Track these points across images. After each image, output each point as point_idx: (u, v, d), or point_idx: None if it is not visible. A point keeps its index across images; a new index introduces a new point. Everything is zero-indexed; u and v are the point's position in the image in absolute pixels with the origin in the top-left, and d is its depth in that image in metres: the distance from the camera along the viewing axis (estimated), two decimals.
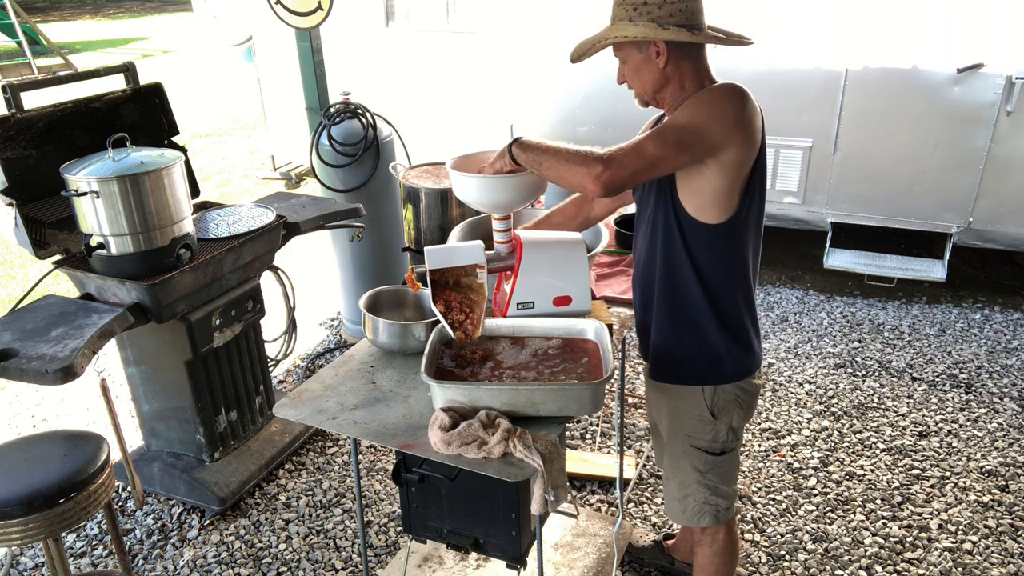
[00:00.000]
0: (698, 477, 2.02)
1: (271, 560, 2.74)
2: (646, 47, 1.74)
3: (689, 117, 1.69)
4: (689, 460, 2.01)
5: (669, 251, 1.85)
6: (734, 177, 1.73)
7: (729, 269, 1.84)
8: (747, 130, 1.70)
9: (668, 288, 1.89)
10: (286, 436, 3.24)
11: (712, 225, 1.77)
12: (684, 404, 1.97)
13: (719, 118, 1.68)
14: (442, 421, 1.66)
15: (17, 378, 2.11)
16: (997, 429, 3.35)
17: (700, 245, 1.81)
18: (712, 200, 1.75)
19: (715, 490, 2.03)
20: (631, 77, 1.82)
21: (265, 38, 6.22)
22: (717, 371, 1.92)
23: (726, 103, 1.70)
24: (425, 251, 1.86)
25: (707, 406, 1.93)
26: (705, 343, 1.90)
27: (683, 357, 1.94)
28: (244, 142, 8.56)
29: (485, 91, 5.32)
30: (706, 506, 2.04)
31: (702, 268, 1.83)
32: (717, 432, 1.96)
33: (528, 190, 1.91)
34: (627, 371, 3.84)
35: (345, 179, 3.80)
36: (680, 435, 2.01)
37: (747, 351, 1.93)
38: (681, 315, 1.90)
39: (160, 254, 2.52)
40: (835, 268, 4.59)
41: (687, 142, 1.67)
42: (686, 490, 2.05)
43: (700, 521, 2.06)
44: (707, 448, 1.98)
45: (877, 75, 4.24)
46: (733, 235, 1.80)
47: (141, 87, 3.02)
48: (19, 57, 11.50)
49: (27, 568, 2.74)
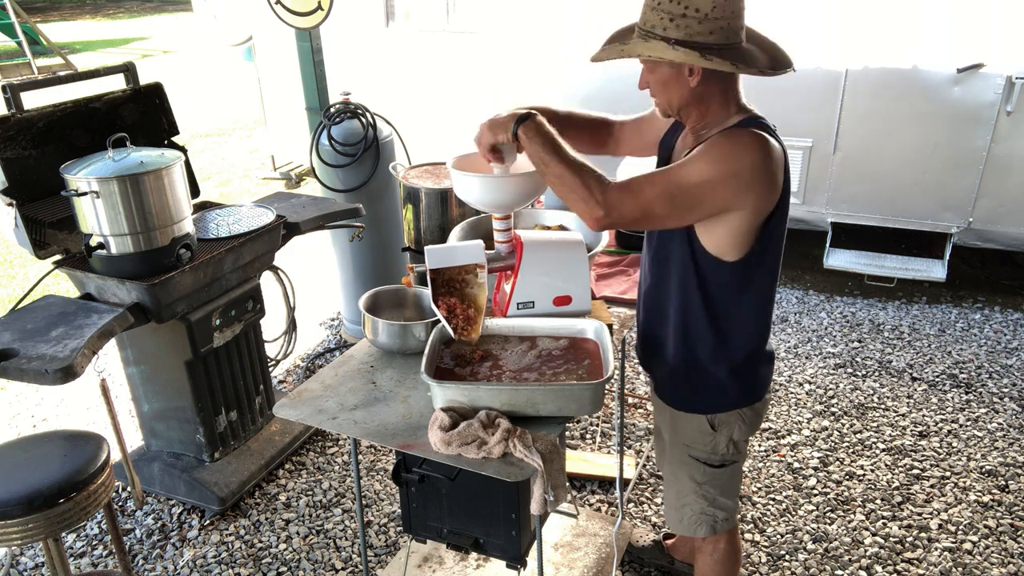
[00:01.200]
0: (695, 488, 1.99)
1: (271, 560, 2.74)
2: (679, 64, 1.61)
3: (704, 174, 1.56)
4: (687, 470, 1.98)
5: (684, 288, 1.78)
6: (754, 221, 1.65)
7: (745, 304, 1.78)
8: (768, 181, 1.60)
9: (680, 323, 1.83)
10: (286, 436, 3.24)
11: (730, 263, 1.70)
12: (685, 415, 1.94)
13: (738, 176, 1.57)
14: (442, 421, 1.66)
15: (17, 378, 2.11)
16: (997, 429, 3.35)
17: (716, 282, 1.74)
18: (732, 241, 1.67)
19: (713, 501, 1.99)
20: (657, 89, 1.69)
21: (265, 38, 6.22)
22: (722, 400, 1.88)
23: (746, 157, 1.57)
24: (425, 251, 1.85)
25: (707, 420, 1.90)
26: (713, 376, 1.85)
27: (687, 385, 1.91)
28: (244, 142, 8.56)
29: (485, 91, 5.32)
30: (703, 516, 2.01)
31: (716, 304, 1.76)
32: (716, 444, 1.92)
33: (528, 190, 1.91)
34: (627, 371, 3.84)
35: (345, 179, 3.80)
36: (679, 444, 1.98)
37: (754, 382, 1.89)
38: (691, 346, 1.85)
39: (160, 254, 2.52)
40: (835, 268, 4.59)
41: (699, 203, 1.58)
42: (683, 499, 2.03)
43: (696, 531, 2.04)
44: (706, 460, 1.95)
45: (877, 75, 4.24)
46: (751, 271, 1.73)
47: (141, 87, 3.02)
48: (19, 57, 11.49)
49: (27, 568, 2.74)
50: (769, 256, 1.73)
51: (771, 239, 1.71)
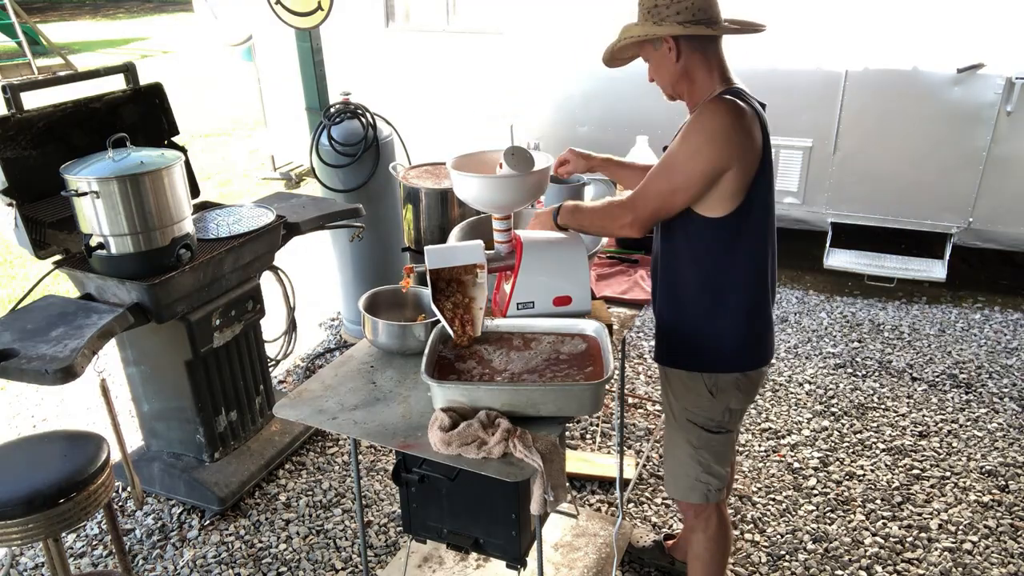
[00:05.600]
0: (691, 452, 2.06)
1: (271, 560, 2.74)
2: (660, 44, 1.81)
3: (686, 150, 1.76)
4: (684, 434, 2.06)
5: (669, 239, 1.92)
6: (739, 180, 1.77)
7: (732, 263, 1.87)
8: (744, 142, 1.74)
9: (668, 277, 1.97)
10: (286, 436, 3.24)
11: (716, 218, 1.81)
12: (685, 380, 2.01)
13: (712, 141, 1.73)
14: (442, 421, 1.66)
15: (17, 378, 2.11)
16: (997, 429, 3.35)
17: (702, 237, 1.85)
18: (718, 199, 1.79)
19: (707, 468, 2.07)
20: (655, 74, 1.90)
21: (265, 38, 6.22)
22: (717, 360, 1.96)
23: (716, 120, 1.74)
24: (425, 251, 1.86)
25: (706, 385, 1.97)
26: (706, 332, 1.94)
27: (682, 343, 1.99)
28: (244, 142, 8.56)
29: (485, 91, 5.32)
30: (697, 483, 2.08)
31: (702, 260, 1.88)
32: (714, 410, 2.00)
33: (528, 190, 1.92)
34: (627, 371, 3.84)
35: (345, 179, 3.80)
36: (679, 408, 2.05)
37: (751, 346, 1.97)
38: (680, 304, 1.97)
39: (160, 254, 2.52)
40: (835, 268, 4.59)
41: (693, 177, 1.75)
42: (681, 465, 2.10)
43: (690, 496, 2.11)
44: (703, 424, 2.02)
45: (877, 75, 4.24)
46: (738, 228, 1.83)
47: (141, 87, 3.02)
48: (19, 57, 11.49)
49: (27, 568, 2.74)
50: (755, 212, 1.84)
51: (756, 195, 1.82)
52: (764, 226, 1.88)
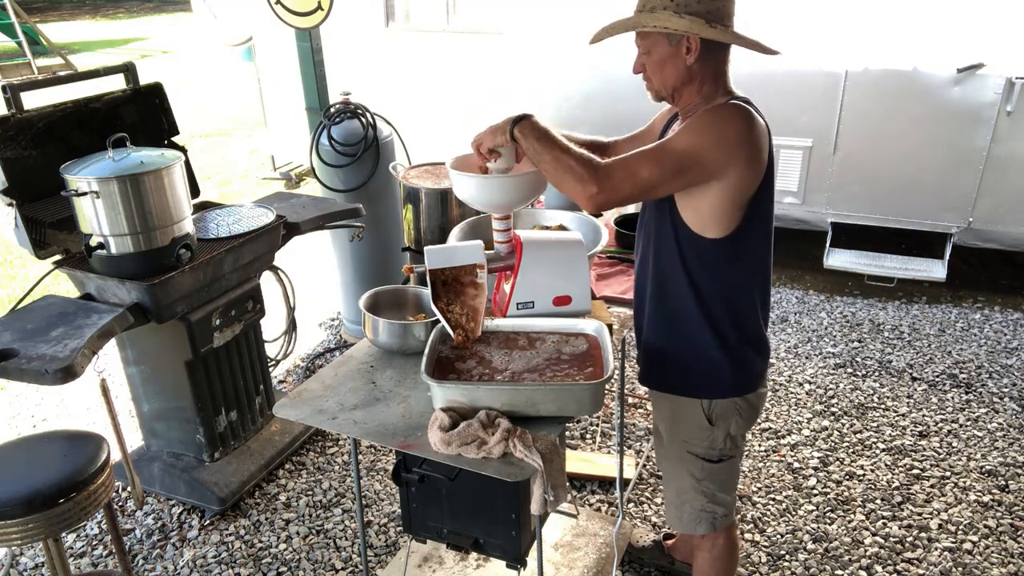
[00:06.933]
0: (694, 484, 1.99)
1: (271, 560, 2.74)
2: (678, 41, 1.67)
3: (690, 141, 1.64)
4: (685, 466, 1.99)
5: (663, 259, 1.82)
6: (736, 197, 1.68)
7: (728, 283, 1.79)
8: (751, 152, 1.65)
9: (660, 296, 1.87)
10: (286, 436, 3.24)
11: (711, 240, 1.73)
12: (682, 409, 1.94)
13: (721, 143, 1.63)
14: (442, 421, 1.66)
15: (17, 378, 2.11)
16: (997, 429, 3.35)
17: (697, 258, 1.77)
18: (712, 216, 1.71)
19: (712, 498, 2.00)
20: (653, 70, 1.74)
21: (265, 38, 6.22)
22: (714, 384, 1.89)
23: (730, 126, 1.64)
24: (425, 251, 1.86)
25: (704, 413, 1.90)
26: (700, 355, 1.86)
27: (675, 366, 1.92)
28: (244, 142, 8.56)
29: (485, 91, 5.32)
30: (703, 513, 2.01)
31: (697, 280, 1.79)
32: (714, 439, 1.92)
33: (528, 190, 1.92)
34: (627, 371, 3.84)
35: (345, 179, 3.80)
36: (677, 440, 1.98)
37: (747, 367, 1.89)
38: (673, 325, 1.88)
39: (160, 254, 2.52)
40: (835, 268, 4.59)
41: (685, 168, 1.63)
42: (683, 496, 2.03)
43: (696, 528, 2.04)
44: (704, 455, 1.95)
45: (877, 75, 4.24)
46: (734, 250, 1.75)
47: (141, 87, 3.02)
48: (19, 57, 11.49)
49: (27, 568, 2.74)
50: (754, 234, 1.76)
51: (756, 216, 1.73)
52: (764, 247, 1.81)
